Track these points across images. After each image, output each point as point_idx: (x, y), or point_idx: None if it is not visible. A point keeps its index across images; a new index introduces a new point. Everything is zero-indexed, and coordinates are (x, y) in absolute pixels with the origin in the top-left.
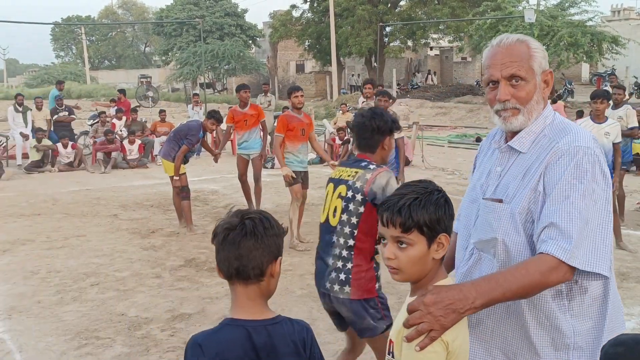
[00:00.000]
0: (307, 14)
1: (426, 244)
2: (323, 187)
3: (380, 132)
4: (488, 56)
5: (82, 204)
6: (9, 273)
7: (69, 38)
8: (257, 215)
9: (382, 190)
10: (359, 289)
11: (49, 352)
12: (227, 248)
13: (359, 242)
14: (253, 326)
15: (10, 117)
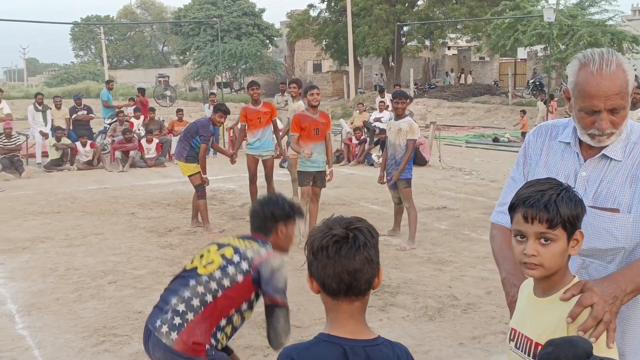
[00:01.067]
0: (325, 14)
1: (566, 239)
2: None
3: (274, 219)
4: (588, 82)
5: (101, 202)
6: (29, 270)
7: (88, 38)
8: (364, 225)
9: (270, 273)
10: (185, 344)
11: (67, 349)
12: (340, 263)
13: (215, 304)
14: (351, 346)
15: (30, 116)
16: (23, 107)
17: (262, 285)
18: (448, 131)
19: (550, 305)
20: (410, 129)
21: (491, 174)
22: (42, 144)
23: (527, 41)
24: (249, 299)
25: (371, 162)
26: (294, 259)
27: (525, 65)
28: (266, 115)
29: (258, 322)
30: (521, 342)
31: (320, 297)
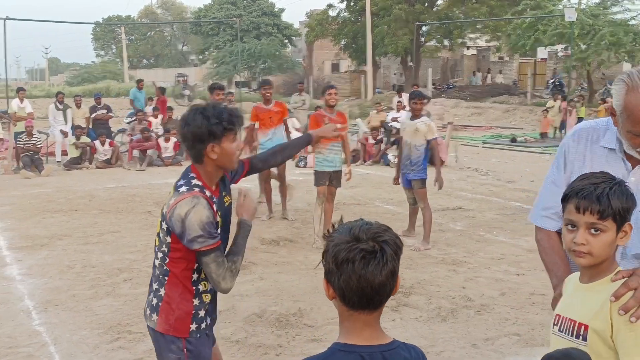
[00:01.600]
0: (344, 14)
1: (616, 231)
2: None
3: (199, 140)
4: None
5: (118, 200)
6: (46, 267)
7: (109, 37)
8: (391, 237)
9: (180, 223)
10: (166, 323)
11: (83, 345)
12: (365, 278)
13: (171, 269)
14: (369, 352)
15: (50, 114)
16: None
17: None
18: (465, 131)
19: (596, 288)
20: (429, 128)
21: (508, 174)
22: (62, 143)
23: (547, 41)
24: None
25: (388, 162)
26: (308, 259)
27: (545, 65)
28: (277, 115)
29: (270, 321)
30: (565, 325)
31: (334, 304)
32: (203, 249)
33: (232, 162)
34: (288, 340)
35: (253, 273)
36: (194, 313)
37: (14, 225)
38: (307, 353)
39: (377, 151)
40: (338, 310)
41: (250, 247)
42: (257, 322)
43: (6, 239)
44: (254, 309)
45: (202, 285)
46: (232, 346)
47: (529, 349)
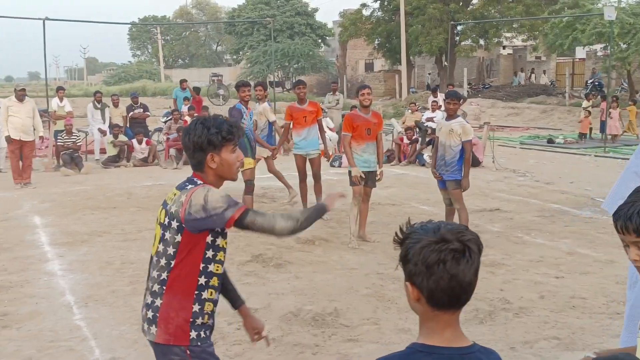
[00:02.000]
0: (377, 13)
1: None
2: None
3: (199, 148)
4: None
5: (155, 198)
6: (86, 263)
7: (145, 37)
8: (473, 235)
9: (202, 208)
10: (166, 332)
11: (122, 340)
12: (456, 278)
13: (175, 275)
14: (448, 355)
15: (89, 113)
16: (83, 105)
17: (206, 226)
18: (502, 132)
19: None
20: (464, 130)
21: (546, 176)
22: (100, 141)
23: (586, 40)
24: (207, 243)
25: (423, 162)
26: (343, 258)
27: (584, 65)
28: (312, 115)
29: (306, 320)
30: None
31: (415, 306)
32: (237, 215)
33: (231, 172)
34: (324, 340)
35: (289, 272)
36: (192, 321)
37: (55, 222)
38: (343, 353)
39: (412, 151)
40: (420, 312)
41: (285, 245)
42: (293, 321)
43: (48, 235)
44: (290, 307)
45: (208, 292)
46: None
47: (569, 353)
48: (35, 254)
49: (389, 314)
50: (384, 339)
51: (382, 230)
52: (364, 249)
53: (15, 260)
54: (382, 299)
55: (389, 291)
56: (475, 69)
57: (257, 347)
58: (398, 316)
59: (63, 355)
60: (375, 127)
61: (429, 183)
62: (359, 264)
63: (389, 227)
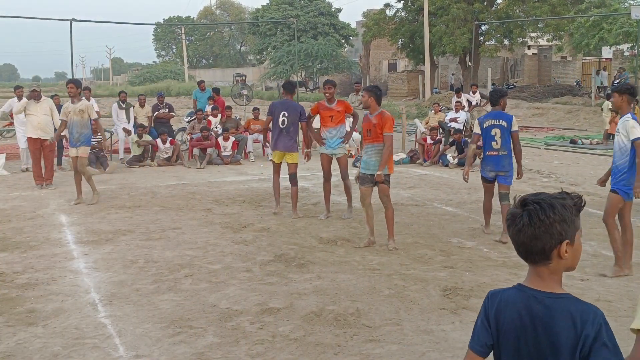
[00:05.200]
0: (401, 13)
1: None
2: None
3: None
4: None
5: (179, 197)
6: (111, 262)
7: (169, 38)
8: (536, 205)
9: None
10: None
11: (146, 338)
12: (514, 237)
13: None
14: (535, 294)
15: (114, 113)
16: (108, 105)
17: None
18: (526, 132)
19: None
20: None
21: (571, 177)
22: (125, 141)
23: (612, 40)
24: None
25: (446, 162)
26: (365, 259)
27: (610, 64)
28: (339, 114)
29: (329, 320)
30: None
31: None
32: None
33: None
34: (346, 340)
35: (311, 272)
36: None
37: (80, 220)
38: (365, 353)
39: (436, 152)
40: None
41: (308, 246)
42: (315, 321)
43: (73, 233)
44: (312, 307)
45: None
46: (290, 344)
47: None
48: (61, 252)
49: (411, 314)
50: (405, 340)
51: (404, 231)
52: (385, 250)
53: (42, 258)
54: (404, 299)
55: (411, 292)
56: (499, 69)
57: (279, 347)
58: (420, 317)
59: (88, 353)
60: (375, 129)
61: (452, 184)
62: (381, 265)
63: (411, 227)
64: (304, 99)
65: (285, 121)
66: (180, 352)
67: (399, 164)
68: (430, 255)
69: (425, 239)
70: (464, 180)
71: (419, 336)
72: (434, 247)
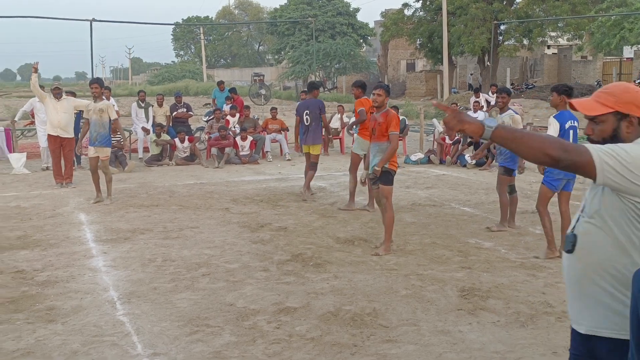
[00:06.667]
0: (419, 13)
1: None
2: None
3: None
4: None
5: (197, 197)
6: (129, 260)
7: (188, 38)
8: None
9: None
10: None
11: (163, 337)
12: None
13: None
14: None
15: (133, 112)
16: (127, 104)
17: None
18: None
19: None
20: (513, 121)
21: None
22: (143, 140)
23: (634, 39)
24: None
25: (464, 162)
26: (382, 259)
27: (632, 64)
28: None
29: (345, 320)
30: None
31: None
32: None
33: None
34: (363, 340)
35: (328, 272)
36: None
37: (99, 219)
38: (382, 354)
39: (454, 152)
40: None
41: (325, 245)
42: (332, 321)
43: (92, 231)
44: (328, 307)
45: None
46: (307, 343)
47: None
48: (80, 250)
49: (428, 315)
50: (422, 340)
51: (422, 231)
52: (403, 250)
53: (62, 256)
54: (422, 300)
55: (428, 292)
56: (519, 69)
57: (296, 346)
58: (437, 317)
59: (107, 350)
60: (380, 128)
61: (471, 184)
62: (398, 265)
63: (428, 228)
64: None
65: (308, 119)
66: (197, 351)
67: (417, 164)
68: (448, 256)
69: (442, 240)
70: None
71: (436, 337)
72: (452, 248)
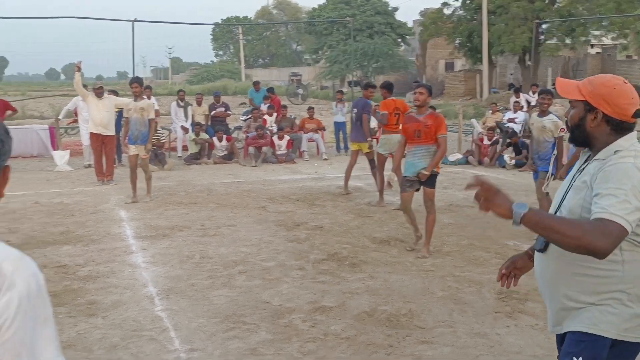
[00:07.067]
0: (459, 12)
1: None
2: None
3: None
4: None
5: (234, 195)
6: (168, 257)
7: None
8: None
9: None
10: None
11: (200, 333)
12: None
13: None
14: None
15: (172, 111)
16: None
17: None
18: None
19: None
20: (555, 127)
21: None
22: (182, 139)
23: None
24: None
25: (503, 163)
26: (419, 260)
27: None
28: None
29: (381, 320)
30: None
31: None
32: None
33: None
34: (398, 341)
35: (364, 272)
36: None
37: (139, 216)
38: (417, 355)
39: (493, 152)
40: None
41: (361, 245)
42: (368, 321)
43: (132, 228)
44: (364, 307)
45: None
46: (342, 342)
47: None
48: (120, 246)
49: (464, 317)
50: (459, 343)
51: (459, 232)
52: (440, 251)
53: (103, 252)
54: (458, 302)
55: (465, 294)
56: (561, 69)
57: (331, 345)
58: (474, 320)
59: (145, 345)
60: (427, 130)
61: (510, 185)
62: (434, 266)
63: (466, 229)
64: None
65: (354, 117)
66: (233, 347)
67: (455, 165)
68: (486, 258)
69: (480, 241)
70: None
71: (473, 339)
72: (489, 249)
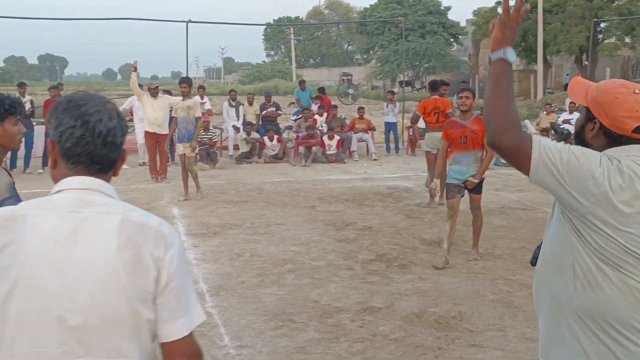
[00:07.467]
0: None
1: None
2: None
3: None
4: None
5: (284, 194)
6: (218, 254)
7: (279, 38)
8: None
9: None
10: None
11: (249, 330)
12: None
13: None
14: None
15: (224, 111)
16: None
17: None
18: None
19: None
20: None
21: None
22: (234, 138)
23: None
24: None
25: None
26: (469, 262)
27: None
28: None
29: (430, 322)
30: None
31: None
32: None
33: (14, 142)
34: (447, 343)
35: (413, 273)
36: None
37: (191, 213)
38: (466, 358)
39: None
40: None
41: (410, 246)
42: (416, 322)
43: (184, 225)
44: (413, 308)
45: None
46: (390, 344)
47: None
48: None
49: (515, 321)
50: (509, 347)
51: (511, 235)
52: (491, 254)
53: None
54: (509, 305)
55: (516, 298)
56: (619, 69)
57: (379, 346)
58: (525, 324)
59: None
60: (474, 136)
61: None
62: (485, 269)
63: (518, 232)
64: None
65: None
66: (282, 345)
67: (507, 166)
68: None
69: (533, 244)
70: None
71: (524, 344)
72: None
